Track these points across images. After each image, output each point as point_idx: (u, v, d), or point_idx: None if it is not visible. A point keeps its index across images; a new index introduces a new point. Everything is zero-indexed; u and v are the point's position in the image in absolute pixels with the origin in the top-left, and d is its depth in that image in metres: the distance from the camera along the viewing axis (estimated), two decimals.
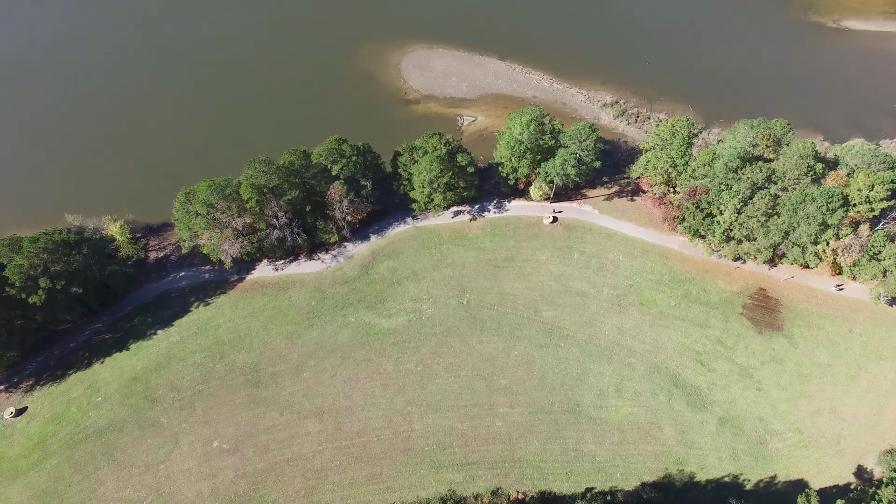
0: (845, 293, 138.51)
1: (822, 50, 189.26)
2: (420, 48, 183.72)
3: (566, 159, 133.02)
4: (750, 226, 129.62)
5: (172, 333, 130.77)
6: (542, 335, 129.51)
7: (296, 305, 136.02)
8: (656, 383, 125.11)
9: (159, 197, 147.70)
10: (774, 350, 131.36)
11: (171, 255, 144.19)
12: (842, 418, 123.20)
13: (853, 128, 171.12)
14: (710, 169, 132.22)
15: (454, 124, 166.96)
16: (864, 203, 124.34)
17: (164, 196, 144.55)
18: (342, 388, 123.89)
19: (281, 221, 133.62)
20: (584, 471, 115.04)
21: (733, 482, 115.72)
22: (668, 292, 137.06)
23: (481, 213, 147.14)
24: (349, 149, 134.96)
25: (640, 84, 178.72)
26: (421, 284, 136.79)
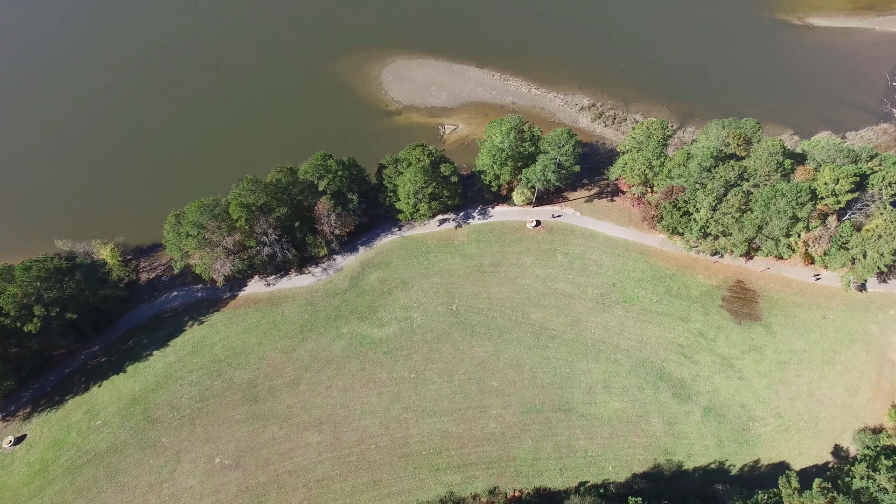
0: (819, 281, 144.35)
1: (788, 46, 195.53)
2: (399, 59, 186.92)
3: (546, 165, 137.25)
4: (725, 222, 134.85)
5: (168, 353, 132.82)
6: (531, 337, 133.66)
7: (289, 319, 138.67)
8: (642, 377, 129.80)
9: (147, 218, 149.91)
10: (754, 339, 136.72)
11: (162, 276, 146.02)
12: (819, 401, 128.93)
13: (820, 121, 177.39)
14: (685, 169, 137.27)
15: (436, 133, 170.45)
16: (830, 196, 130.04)
17: (153, 217, 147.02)
18: (339, 398, 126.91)
19: (270, 238, 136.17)
20: (576, 466, 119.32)
21: (719, 468, 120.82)
22: (650, 289, 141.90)
23: (466, 221, 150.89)
24: (335, 164, 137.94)
25: (615, 86, 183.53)
26: (410, 293, 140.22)
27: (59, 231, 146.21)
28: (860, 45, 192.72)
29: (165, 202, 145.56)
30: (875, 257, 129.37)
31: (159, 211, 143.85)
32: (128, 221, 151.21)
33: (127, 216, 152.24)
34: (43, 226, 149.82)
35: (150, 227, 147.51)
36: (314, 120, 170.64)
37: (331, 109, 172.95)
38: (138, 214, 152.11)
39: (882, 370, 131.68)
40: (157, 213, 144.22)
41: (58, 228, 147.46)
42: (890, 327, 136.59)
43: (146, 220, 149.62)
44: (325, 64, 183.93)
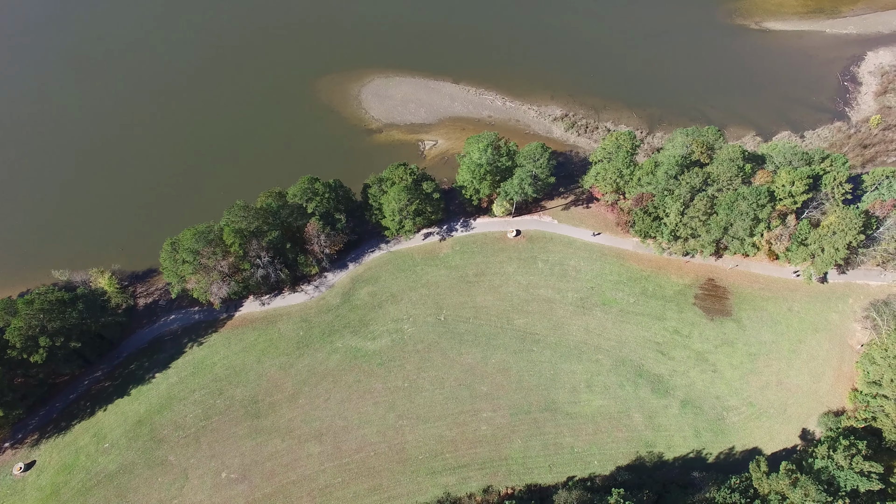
0: (783, 275, 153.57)
1: (748, 50, 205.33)
2: (377, 78, 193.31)
3: (523, 178, 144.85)
4: (693, 225, 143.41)
5: (170, 375, 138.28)
6: (516, 342, 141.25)
7: (285, 337, 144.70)
8: (623, 375, 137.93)
9: (141, 244, 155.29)
10: (725, 334, 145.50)
11: (159, 300, 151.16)
12: (787, 389, 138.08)
13: (781, 121, 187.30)
14: (653, 177, 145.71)
15: (417, 149, 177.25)
16: (788, 197, 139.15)
17: (147, 243, 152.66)
18: (337, 409, 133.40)
19: (264, 260, 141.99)
20: (564, 462, 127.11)
21: (697, 457, 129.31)
22: (626, 291, 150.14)
23: (450, 233, 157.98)
24: (321, 187, 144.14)
25: (586, 96, 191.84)
26: (400, 305, 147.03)
27: (55, 261, 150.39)
28: (813, 48, 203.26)
29: (158, 228, 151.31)
30: (831, 251, 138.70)
31: (153, 237, 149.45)
32: (122, 248, 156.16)
33: (122, 243, 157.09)
34: (39, 256, 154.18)
35: (145, 253, 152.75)
36: (299, 142, 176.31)
37: (314, 131, 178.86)
38: (133, 241, 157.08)
39: (843, 356, 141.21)
40: (151, 239, 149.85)
41: (54, 259, 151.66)
42: (849, 315, 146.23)
43: (140, 247, 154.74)
44: (305, 87, 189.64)
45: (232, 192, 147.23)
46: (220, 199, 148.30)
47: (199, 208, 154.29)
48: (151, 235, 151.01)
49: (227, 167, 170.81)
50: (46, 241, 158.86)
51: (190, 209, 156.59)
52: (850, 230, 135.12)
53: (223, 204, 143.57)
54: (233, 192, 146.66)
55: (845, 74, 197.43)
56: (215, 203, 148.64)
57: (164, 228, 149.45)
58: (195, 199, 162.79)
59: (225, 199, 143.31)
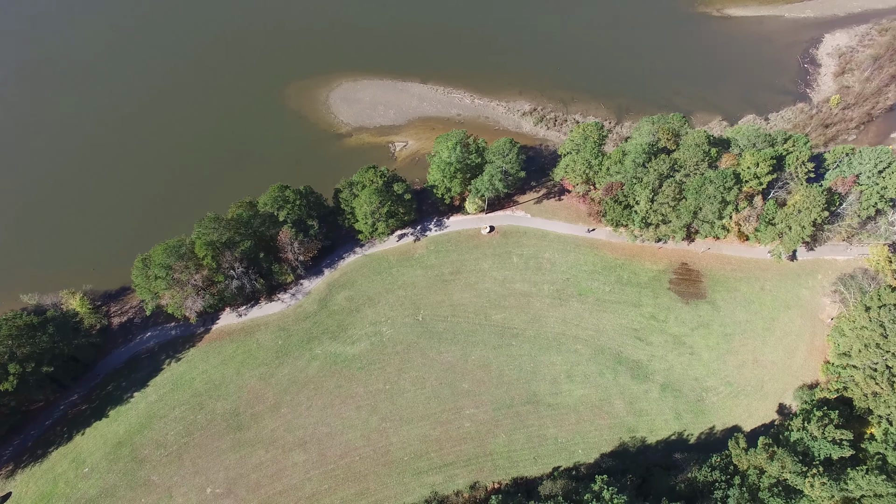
0: (754, 256, 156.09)
1: (710, 37, 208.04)
2: (345, 82, 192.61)
3: (493, 174, 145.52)
4: (663, 211, 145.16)
5: (149, 393, 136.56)
6: (495, 337, 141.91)
7: (264, 347, 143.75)
8: (602, 364, 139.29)
9: (112, 263, 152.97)
10: (701, 316, 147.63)
11: (134, 318, 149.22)
12: (763, 366, 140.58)
13: (745, 105, 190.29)
14: (621, 166, 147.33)
15: (387, 151, 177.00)
16: (753, 179, 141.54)
17: (117, 261, 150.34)
18: (319, 416, 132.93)
19: (238, 271, 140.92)
20: (548, 453, 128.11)
21: (679, 439, 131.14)
22: (601, 280, 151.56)
23: (424, 233, 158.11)
24: (292, 194, 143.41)
25: (553, 89, 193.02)
26: (377, 308, 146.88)
27: (23, 285, 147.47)
28: (774, 32, 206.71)
29: (129, 245, 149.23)
30: (798, 229, 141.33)
31: (123, 254, 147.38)
32: (94, 268, 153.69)
33: (92, 263, 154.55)
34: (6, 281, 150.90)
35: (117, 272, 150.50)
36: (269, 150, 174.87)
37: (284, 138, 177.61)
38: (103, 260, 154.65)
39: (815, 331, 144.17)
40: (122, 257, 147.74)
41: (22, 282, 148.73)
42: (819, 291, 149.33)
43: (112, 265, 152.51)
44: (273, 95, 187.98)
45: (204, 207, 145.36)
46: (191, 213, 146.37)
47: (169, 223, 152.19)
48: (122, 253, 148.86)
49: (197, 180, 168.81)
50: (13, 264, 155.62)
51: (160, 224, 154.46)
52: (814, 208, 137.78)
53: (194, 217, 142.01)
54: (205, 208, 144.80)
55: (805, 57, 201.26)
56: (188, 219, 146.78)
57: (135, 245, 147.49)
58: (165, 213, 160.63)
59: (198, 214, 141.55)
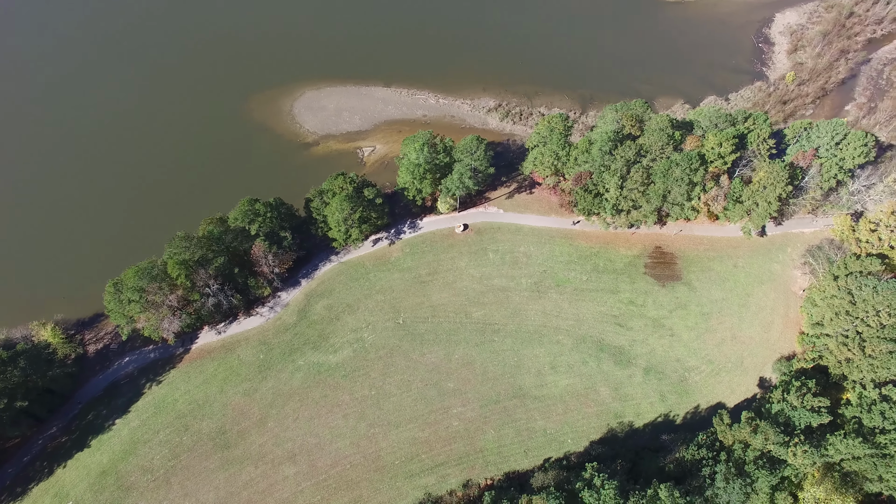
0: (725, 234, 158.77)
1: (668, 23, 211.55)
2: (308, 90, 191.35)
3: (462, 173, 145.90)
4: (633, 196, 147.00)
5: (131, 419, 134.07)
6: (476, 334, 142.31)
7: (246, 362, 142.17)
8: (585, 352, 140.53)
9: (83, 290, 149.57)
10: (678, 298, 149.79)
11: (111, 344, 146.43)
12: (741, 342, 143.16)
13: (706, 87, 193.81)
14: (588, 155, 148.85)
15: (356, 157, 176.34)
16: (718, 158, 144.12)
17: (89, 288, 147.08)
18: (307, 427, 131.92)
19: (213, 288, 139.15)
20: (538, 445, 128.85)
21: (665, 420, 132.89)
22: (578, 269, 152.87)
23: (398, 236, 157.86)
24: (262, 207, 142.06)
25: (517, 84, 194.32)
26: (357, 315, 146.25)
27: None
28: (727, 14, 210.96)
29: (99, 271, 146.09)
30: (765, 205, 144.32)
31: (94, 280, 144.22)
32: (64, 297, 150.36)
33: (61, 292, 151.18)
34: None
35: (89, 298, 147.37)
36: (236, 165, 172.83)
37: (251, 152, 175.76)
38: (73, 288, 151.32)
39: (788, 303, 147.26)
40: (93, 283, 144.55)
41: None
42: (789, 264, 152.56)
43: (82, 293, 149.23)
44: (236, 109, 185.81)
45: (174, 227, 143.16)
46: (161, 233, 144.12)
47: (139, 245, 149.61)
48: (93, 279, 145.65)
49: (164, 200, 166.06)
50: None
51: (130, 247, 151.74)
52: (778, 183, 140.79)
53: (164, 237, 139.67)
54: (175, 227, 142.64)
55: (759, 36, 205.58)
56: (156, 237, 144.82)
57: (105, 270, 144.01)
58: (134, 236, 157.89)
59: (168, 234, 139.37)
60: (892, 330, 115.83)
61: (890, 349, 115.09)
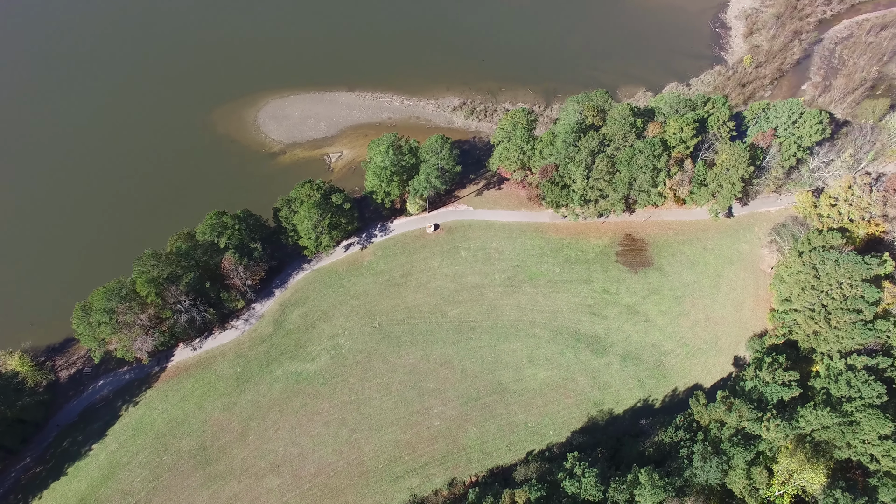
0: (693, 218, 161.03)
1: (626, 12, 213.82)
2: (272, 100, 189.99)
3: (429, 172, 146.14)
4: (599, 186, 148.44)
5: (109, 443, 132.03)
6: (453, 333, 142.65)
7: (223, 377, 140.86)
8: (561, 344, 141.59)
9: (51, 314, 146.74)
10: (650, 283, 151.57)
11: (83, 368, 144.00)
12: (715, 322, 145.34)
13: (667, 74, 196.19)
14: (553, 148, 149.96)
15: (323, 164, 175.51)
16: (680, 143, 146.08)
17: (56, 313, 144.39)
18: (288, 437, 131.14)
19: (185, 304, 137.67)
20: (520, 439, 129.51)
21: (644, 405, 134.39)
22: (550, 262, 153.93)
23: (370, 240, 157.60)
24: (230, 219, 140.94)
25: (481, 81, 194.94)
26: (333, 321, 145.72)
27: None
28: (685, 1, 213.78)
29: (66, 294, 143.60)
30: (729, 187, 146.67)
31: (62, 304, 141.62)
32: (32, 323, 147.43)
33: (28, 318, 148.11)
34: None
35: (58, 323, 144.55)
36: (203, 179, 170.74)
37: (217, 165, 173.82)
38: (40, 314, 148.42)
39: (758, 282, 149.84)
40: (61, 307, 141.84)
41: None
42: (756, 243, 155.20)
43: (51, 318, 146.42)
44: (199, 122, 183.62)
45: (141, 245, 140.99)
46: (128, 252, 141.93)
47: (106, 265, 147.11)
48: (61, 303, 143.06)
49: (130, 218, 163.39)
50: None
51: (97, 268, 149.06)
52: (740, 164, 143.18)
53: (131, 256, 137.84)
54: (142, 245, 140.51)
55: (715, 21, 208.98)
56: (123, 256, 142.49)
57: (73, 293, 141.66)
58: (101, 256, 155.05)
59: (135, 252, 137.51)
60: (854, 301, 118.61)
61: (853, 319, 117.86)
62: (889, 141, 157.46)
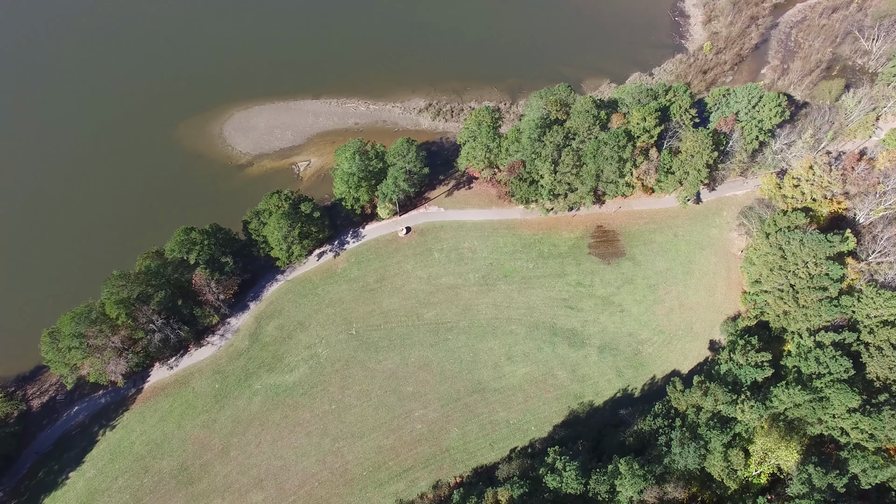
0: (663, 205, 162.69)
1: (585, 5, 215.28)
2: (237, 111, 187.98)
3: (397, 176, 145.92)
4: (567, 180, 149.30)
5: (86, 470, 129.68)
6: (430, 335, 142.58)
7: (201, 394, 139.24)
8: (538, 339, 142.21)
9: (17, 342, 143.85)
10: (624, 273, 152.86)
11: (57, 395, 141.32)
12: (689, 308, 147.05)
13: (630, 64, 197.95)
14: (519, 144, 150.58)
15: (292, 173, 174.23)
16: (644, 133, 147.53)
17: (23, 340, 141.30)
18: (271, 451, 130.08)
19: (158, 323, 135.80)
20: (503, 436, 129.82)
21: (624, 395, 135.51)
22: (524, 258, 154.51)
23: (342, 247, 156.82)
24: (199, 235, 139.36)
25: (446, 81, 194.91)
26: (309, 331, 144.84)
27: None
28: None
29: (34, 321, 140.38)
30: (695, 174, 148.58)
31: (30, 332, 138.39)
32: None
33: None
34: None
35: (26, 351, 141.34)
36: (170, 195, 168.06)
37: (183, 180, 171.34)
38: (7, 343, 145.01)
39: (729, 265, 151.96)
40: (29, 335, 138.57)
41: None
42: (726, 227, 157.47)
43: (18, 346, 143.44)
44: (164, 138, 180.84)
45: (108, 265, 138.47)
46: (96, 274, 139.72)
47: (74, 289, 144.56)
48: (28, 330, 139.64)
49: (97, 239, 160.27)
50: None
51: (65, 292, 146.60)
52: (704, 150, 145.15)
53: (99, 278, 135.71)
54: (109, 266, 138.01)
55: (674, 11, 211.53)
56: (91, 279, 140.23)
57: (41, 319, 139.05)
58: (68, 280, 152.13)
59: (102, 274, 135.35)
60: (819, 279, 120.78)
61: (819, 297, 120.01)
62: (846, 120, 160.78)
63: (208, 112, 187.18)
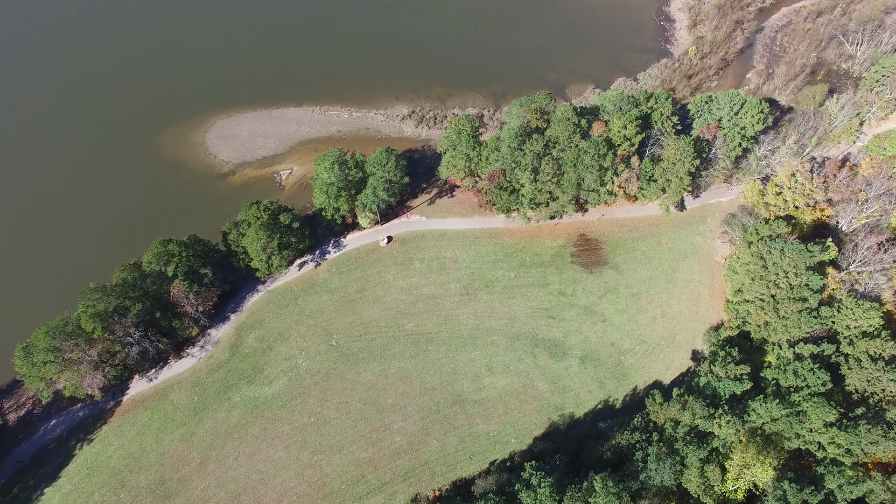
0: (646, 213, 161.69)
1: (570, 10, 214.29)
2: (219, 120, 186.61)
3: (376, 186, 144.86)
4: (548, 189, 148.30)
5: (62, 485, 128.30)
6: (410, 346, 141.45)
7: (180, 407, 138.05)
8: (520, 350, 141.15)
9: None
10: (606, 282, 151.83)
11: (34, 409, 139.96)
12: (672, 317, 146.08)
13: (615, 70, 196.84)
14: (498, 153, 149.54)
15: (274, 182, 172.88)
16: (625, 141, 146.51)
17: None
18: (249, 464, 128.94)
19: (136, 336, 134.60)
20: (483, 449, 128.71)
21: (605, 407, 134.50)
22: (505, 267, 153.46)
23: (323, 257, 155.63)
24: (176, 246, 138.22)
25: (429, 88, 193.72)
26: (290, 342, 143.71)
27: None
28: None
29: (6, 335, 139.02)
30: (677, 181, 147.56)
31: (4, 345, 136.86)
32: None
33: None
34: None
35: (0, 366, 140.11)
36: (150, 205, 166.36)
37: (164, 190, 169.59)
38: None
39: (713, 274, 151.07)
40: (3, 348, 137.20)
41: None
42: (710, 235, 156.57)
43: None
44: (145, 147, 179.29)
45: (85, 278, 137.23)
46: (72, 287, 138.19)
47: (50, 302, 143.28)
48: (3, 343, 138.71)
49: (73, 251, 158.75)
50: None
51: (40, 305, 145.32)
52: (686, 158, 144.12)
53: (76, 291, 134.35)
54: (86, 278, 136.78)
55: (660, 15, 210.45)
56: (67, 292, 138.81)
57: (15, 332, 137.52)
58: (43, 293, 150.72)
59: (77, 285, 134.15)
60: (799, 289, 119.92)
61: (799, 308, 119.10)
62: (830, 126, 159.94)
63: (190, 120, 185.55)
